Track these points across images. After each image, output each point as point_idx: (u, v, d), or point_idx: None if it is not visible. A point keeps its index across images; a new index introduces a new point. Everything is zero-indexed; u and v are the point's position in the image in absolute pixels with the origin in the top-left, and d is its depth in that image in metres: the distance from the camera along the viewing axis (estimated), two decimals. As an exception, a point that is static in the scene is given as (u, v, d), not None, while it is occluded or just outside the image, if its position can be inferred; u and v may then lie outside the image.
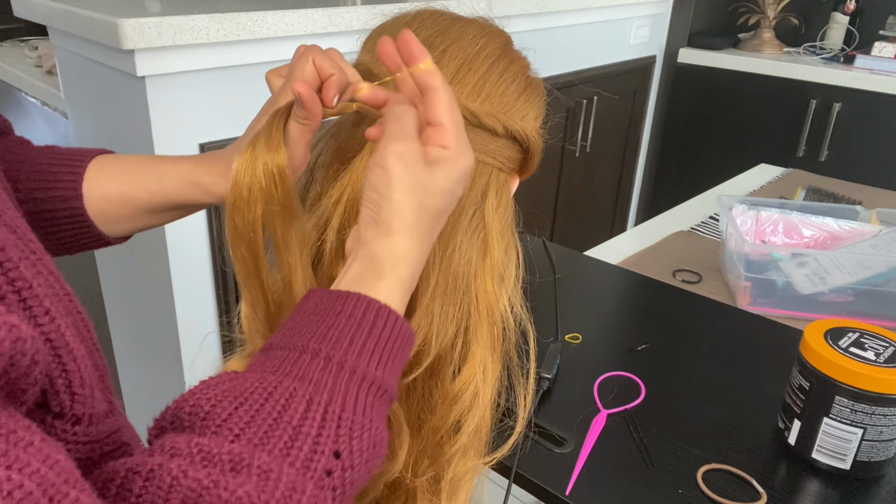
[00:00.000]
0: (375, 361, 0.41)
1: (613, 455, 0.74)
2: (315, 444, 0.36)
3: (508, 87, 0.53)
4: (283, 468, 0.34)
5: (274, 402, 0.36)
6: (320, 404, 0.37)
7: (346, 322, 0.41)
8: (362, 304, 0.42)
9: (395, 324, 0.42)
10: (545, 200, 2.31)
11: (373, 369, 0.40)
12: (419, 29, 0.53)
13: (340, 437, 0.37)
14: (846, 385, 0.69)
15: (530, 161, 0.56)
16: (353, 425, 0.38)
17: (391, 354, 0.42)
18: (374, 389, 0.40)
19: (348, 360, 0.40)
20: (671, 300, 1.09)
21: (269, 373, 0.39)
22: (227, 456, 0.33)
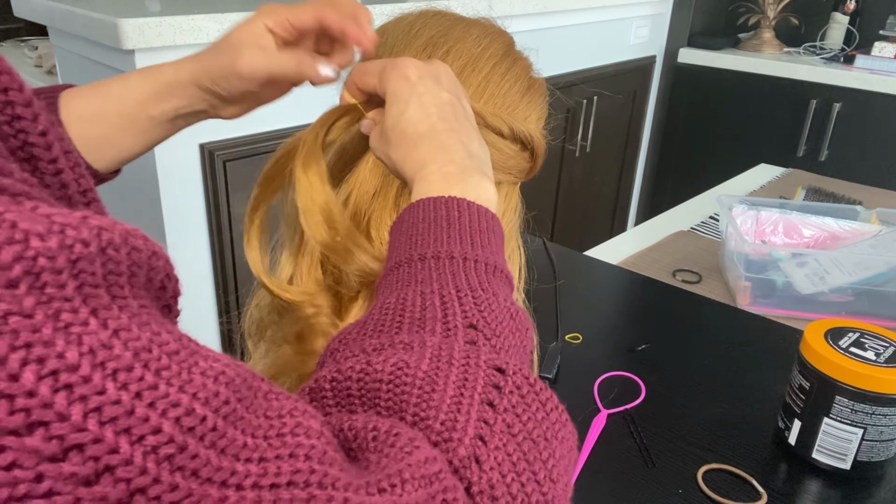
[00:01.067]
0: (468, 244, 0.41)
1: (613, 455, 0.74)
2: (444, 324, 0.36)
3: (511, 88, 0.53)
4: (425, 338, 0.34)
5: (392, 313, 0.37)
6: (433, 292, 0.38)
7: (422, 225, 0.42)
8: (429, 204, 0.43)
9: (467, 207, 0.43)
10: (545, 200, 2.31)
11: (468, 249, 0.41)
12: (422, 29, 0.53)
13: (468, 311, 0.37)
14: (846, 385, 0.69)
15: (534, 163, 0.56)
16: (475, 299, 0.38)
17: (479, 234, 0.42)
18: (480, 266, 0.40)
19: (442, 251, 0.40)
20: (671, 300, 1.09)
21: (380, 295, 0.40)
22: (370, 346, 0.34)
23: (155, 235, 1.31)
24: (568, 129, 2.27)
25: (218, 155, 1.31)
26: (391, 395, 0.31)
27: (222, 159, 1.32)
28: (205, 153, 1.31)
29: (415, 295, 0.38)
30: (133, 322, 0.24)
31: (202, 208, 1.34)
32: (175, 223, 1.31)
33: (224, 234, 1.37)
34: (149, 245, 0.27)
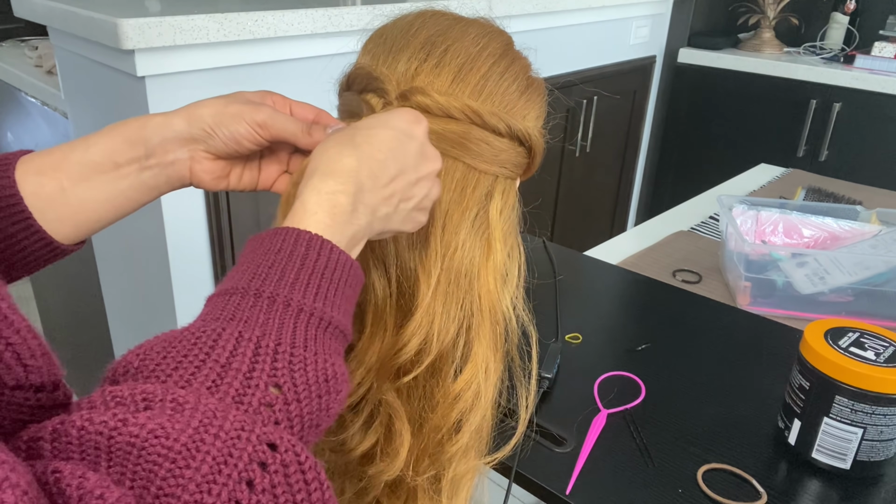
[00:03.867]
0: (312, 293, 0.39)
1: (613, 455, 0.74)
2: (247, 378, 0.34)
3: (510, 87, 0.53)
4: (203, 399, 0.32)
5: (202, 344, 0.35)
6: (251, 340, 0.36)
7: (275, 257, 0.39)
8: (291, 237, 0.40)
9: (329, 253, 0.40)
10: (545, 200, 2.31)
11: (310, 301, 0.38)
12: (420, 29, 0.53)
13: (278, 371, 0.35)
14: (846, 385, 0.69)
15: (532, 162, 0.56)
16: (293, 357, 0.36)
17: (330, 286, 0.40)
18: (314, 321, 0.38)
19: (280, 294, 0.38)
20: (671, 300, 1.09)
21: (200, 320, 0.38)
22: (140, 395, 0.32)
23: (155, 236, 1.31)
24: (568, 129, 2.27)
25: (218, 155, 1.31)
26: (140, 463, 0.29)
27: (222, 159, 1.32)
28: (205, 153, 1.31)
29: (231, 335, 0.36)
30: None
31: (202, 208, 1.34)
32: (175, 223, 1.31)
33: (224, 234, 1.37)
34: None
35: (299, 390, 0.36)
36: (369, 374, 0.54)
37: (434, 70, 0.51)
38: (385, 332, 0.53)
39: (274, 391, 0.35)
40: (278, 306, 0.38)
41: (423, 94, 0.50)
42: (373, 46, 0.55)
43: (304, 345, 0.37)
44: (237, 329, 0.36)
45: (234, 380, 0.34)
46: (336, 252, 0.41)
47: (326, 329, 0.39)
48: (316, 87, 1.46)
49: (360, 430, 0.56)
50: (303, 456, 0.33)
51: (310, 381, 0.36)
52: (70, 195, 0.50)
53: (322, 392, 0.37)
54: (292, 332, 0.37)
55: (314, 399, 0.36)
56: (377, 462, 0.55)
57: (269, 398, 0.34)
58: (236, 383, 0.34)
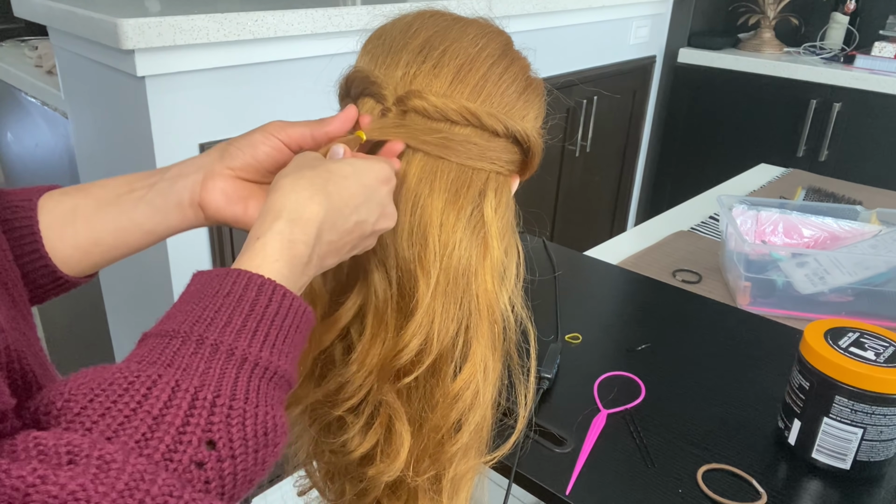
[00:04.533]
0: (259, 341, 0.37)
1: (613, 455, 0.74)
2: (180, 433, 0.32)
3: (509, 88, 0.53)
4: (131, 458, 0.30)
5: (134, 391, 0.33)
6: (188, 391, 0.34)
7: (223, 301, 0.37)
8: (242, 280, 0.38)
9: (282, 299, 0.39)
10: (545, 200, 2.31)
11: (256, 350, 0.37)
12: (420, 29, 0.53)
13: (214, 426, 0.34)
14: (846, 385, 0.69)
15: (531, 161, 0.56)
16: (230, 412, 0.34)
17: (279, 333, 0.38)
18: (258, 372, 0.37)
19: (224, 341, 0.36)
20: (671, 300, 1.09)
21: (135, 362, 0.35)
22: (65, 448, 0.30)
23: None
24: (568, 129, 2.27)
25: (218, 155, 1.31)
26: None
27: (222, 159, 1.32)
28: (205, 153, 1.31)
29: (167, 384, 0.34)
30: None
31: (202, 208, 1.34)
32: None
33: (224, 233, 1.37)
34: None
35: (235, 446, 0.34)
36: (370, 376, 0.54)
37: (432, 72, 0.51)
38: (386, 333, 0.53)
39: (207, 448, 0.33)
40: (221, 355, 0.36)
41: (419, 98, 0.50)
42: (372, 47, 0.55)
43: (245, 397, 0.35)
44: (174, 377, 0.34)
45: (166, 434, 0.32)
46: (289, 298, 0.39)
47: (271, 379, 0.37)
48: (316, 88, 1.46)
49: (361, 431, 0.56)
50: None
51: (247, 435, 0.35)
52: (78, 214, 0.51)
53: (259, 447, 0.35)
54: (233, 383, 0.35)
55: (250, 455, 0.35)
56: (377, 463, 0.55)
57: (201, 456, 0.33)
58: (168, 439, 0.32)
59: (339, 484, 0.61)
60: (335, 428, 0.58)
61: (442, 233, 0.52)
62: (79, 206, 0.51)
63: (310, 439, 0.61)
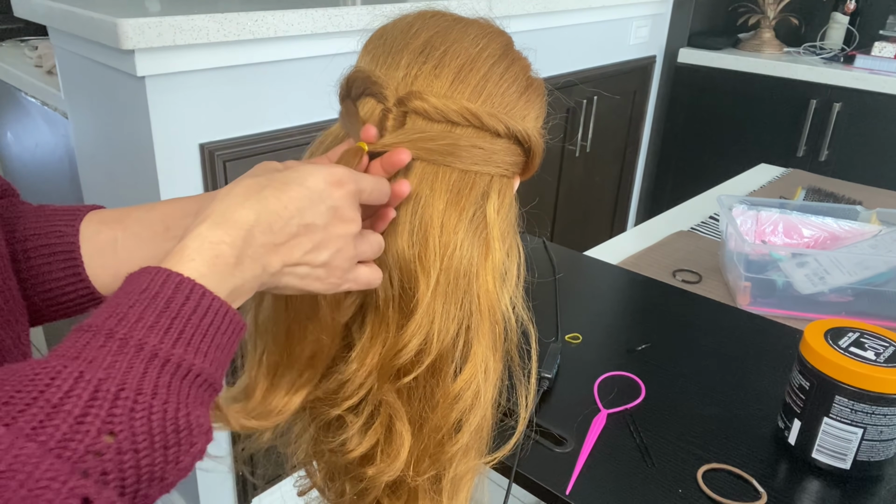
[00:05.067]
0: (173, 338, 0.36)
1: (613, 455, 0.74)
2: (78, 422, 0.32)
3: (509, 88, 0.53)
4: (18, 442, 0.30)
5: (38, 381, 0.33)
6: (90, 381, 0.33)
7: (138, 297, 0.37)
8: (160, 277, 0.38)
9: (200, 298, 0.38)
10: (545, 200, 2.31)
11: (168, 346, 0.36)
12: (420, 30, 0.53)
13: (116, 417, 0.33)
14: (846, 385, 0.69)
15: (532, 161, 0.56)
16: (135, 405, 0.34)
17: (196, 332, 0.38)
18: (170, 368, 0.36)
19: (134, 336, 0.36)
20: (671, 300, 1.09)
21: (49, 355, 0.35)
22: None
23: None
24: (568, 130, 2.27)
25: (218, 155, 1.31)
26: None
27: (222, 159, 1.32)
28: (205, 153, 1.31)
29: (70, 375, 0.33)
30: None
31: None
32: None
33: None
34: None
35: (138, 440, 0.33)
36: (370, 375, 0.54)
37: (433, 72, 0.51)
38: (387, 332, 0.53)
39: (108, 439, 0.32)
40: (130, 349, 0.35)
41: (420, 99, 0.50)
42: (373, 47, 0.55)
43: (153, 392, 0.35)
44: (78, 369, 0.34)
45: (63, 423, 0.32)
46: (209, 297, 0.39)
47: (185, 377, 0.37)
48: (316, 88, 1.46)
49: (360, 431, 0.56)
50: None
51: (153, 431, 0.34)
52: (119, 247, 0.54)
53: (169, 444, 0.35)
54: (140, 377, 0.35)
55: (158, 450, 0.34)
56: (377, 463, 0.55)
57: (100, 446, 0.32)
58: (64, 427, 0.32)
59: (339, 484, 0.61)
60: (335, 427, 0.58)
61: (443, 233, 0.52)
62: (118, 240, 0.54)
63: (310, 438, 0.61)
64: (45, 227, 0.54)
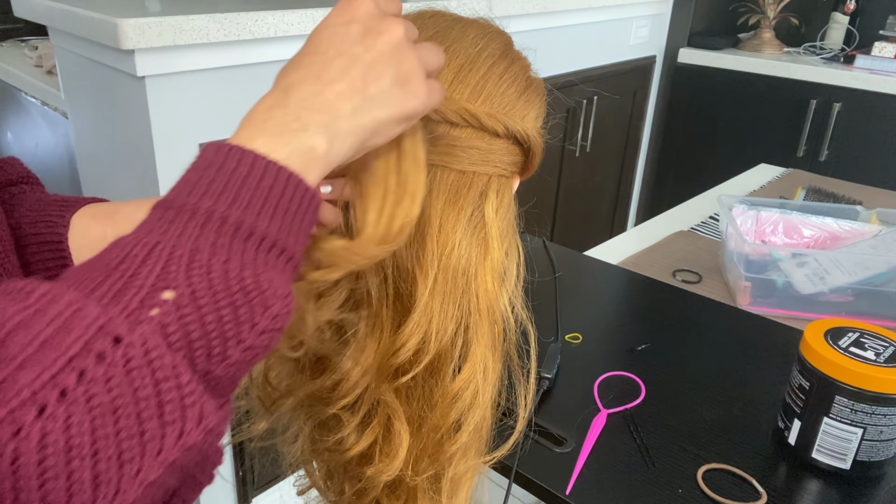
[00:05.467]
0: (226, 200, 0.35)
1: (613, 455, 0.74)
2: (131, 278, 0.32)
3: (509, 88, 0.53)
4: (68, 292, 0.30)
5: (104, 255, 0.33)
6: (146, 244, 0.33)
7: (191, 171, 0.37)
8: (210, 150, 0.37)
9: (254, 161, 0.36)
10: (545, 200, 2.31)
11: (222, 207, 0.35)
12: (420, 29, 0.53)
13: (171, 274, 0.32)
14: (846, 385, 0.69)
15: (531, 162, 0.56)
16: (191, 263, 0.33)
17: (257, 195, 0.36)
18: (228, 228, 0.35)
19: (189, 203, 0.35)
20: (671, 300, 1.09)
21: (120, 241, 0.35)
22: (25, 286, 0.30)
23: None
24: (568, 129, 2.27)
25: (218, 155, 1.31)
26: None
27: (222, 159, 1.32)
28: (205, 153, 1.31)
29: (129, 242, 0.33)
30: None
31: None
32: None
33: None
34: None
35: (199, 295, 0.32)
36: (366, 374, 0.54)
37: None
38: (382, 332, 0.53)
39: (167, 294, 0.32)
40: (185, 214, 0.35)
41: None
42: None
43: (212, 250, 0.34)
44: (137, 236, 0.34)
45: (118, 282, 0.32)
46: (262, 161, 0.36)
47: (248, 239, 0.35)
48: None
49: (357, 429, 0.56)
50: (154, 354, 0.30)
51: (216, 287, 0.33)
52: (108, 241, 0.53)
53: (237, 302, 0.33)
54: (196, 237, 0.34)
55: (224, 308, 0.33)
56: (376, 462, 0.55)
57: (155, 301, 0.31)
58: (118, 284, 0.31)
59: (338, 483, 0.61)
60: (331, 425, 0.58)
61: (441, 233, 0.52)
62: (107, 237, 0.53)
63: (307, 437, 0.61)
64: (39, 216, 0.54)
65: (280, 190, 0.37)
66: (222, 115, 1.32)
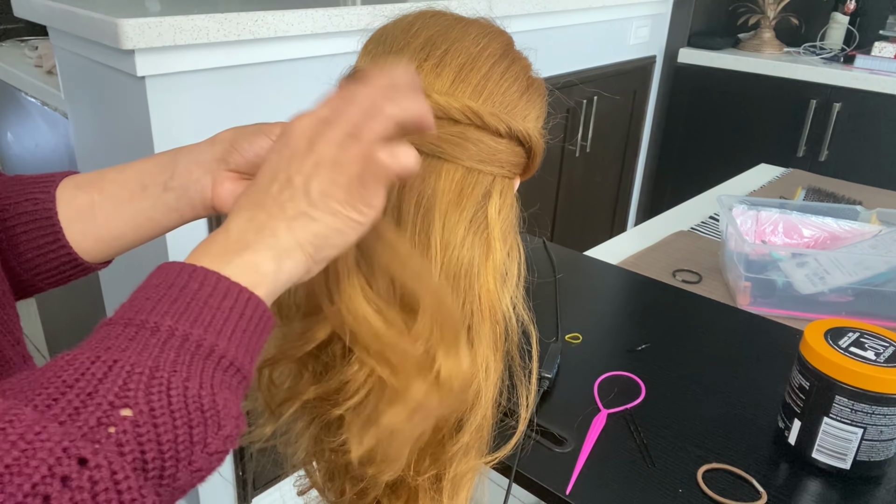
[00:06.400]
0: (189, 319, 0.36)
1: (613, 455, 0.74)
2: (89, 396, 0.32)
3: (510, 87, 0.53)
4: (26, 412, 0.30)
5: (59, 371, 0.33)
6: (105, 362, 0.33)
7: (154, 288, 0.37)
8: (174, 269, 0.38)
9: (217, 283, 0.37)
10: (545, 200, 2.31)
11: (185, 326, 0.35)
12: (421, 29, 0.53)
13: (130, 392, 0.32)
14: (846, 385, 0.69)
15: (532, 162, 0.56)
16: (152, 380, 0.33)
17: (218, 315, 0.36)
18: (189, 346, 0.35)
19: (150, 320, 0.35)
20: (671, 300, 1.09)
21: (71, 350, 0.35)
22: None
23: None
24: (568, 129, 2.27)
25: (218, 155, 1.31)
26: None
27: (222, 159, 1.32)
28: (205, 153, 1.31)
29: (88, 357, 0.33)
30: None
31: (202, 208, 1.34)
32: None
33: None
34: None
35: (156, 414, 0.33)
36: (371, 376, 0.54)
37: (434, 70, 0.51)
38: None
39: (125, 412, 0.32)
40: (146, 331, 0.35)
41: None
42: (373, 47, 0.55)
43: (172, 368, 0.34)
44: (95, 353, 0.34)
45: (76, 398, 0.31)
46: (225, 281, 0.37)
47: (207, 357, 0.36)
48: (316, 88, 1.46)
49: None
50: (120, 476, 0.30)
51: (173, 406, 0.33)
52: (97, 210, 0.53)
53: (194, 422, 0.34)
54: (157, 355, 0.34)
55: (181, 428, 0.33)
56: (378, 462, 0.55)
57: (113, 418, 0.31)
58: (76, 401, 0.31)
59: (339, 483, 0.61)
60: (336, 427, 0.58)
61: (444, 233, 0.52)
62: (95, 203, 0.54)
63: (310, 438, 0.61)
64: (21, 195, 0.54)
65: (240, 311, 0.37)
66: (222, 115, 1.32)
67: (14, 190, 0.54)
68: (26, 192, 0.54)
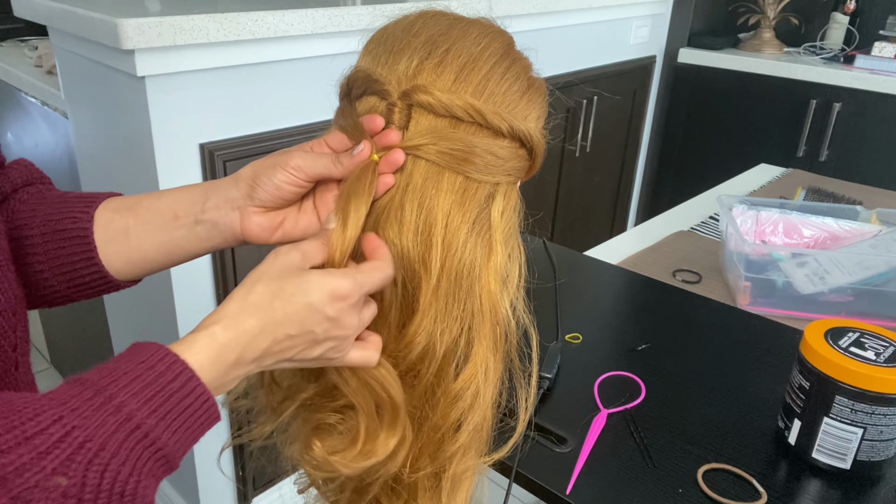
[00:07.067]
0: (150, 407, 0.40)
1: (613, 455, 0.74)
2: (40, 457, 0.35)
3: (511, 87, 0.53)
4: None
5: (22, 414, 0.36)
6: (65, 426, 0.36)
7: (136, 366, 0.41)
8: (160, 353, 0.42)
9: (187, 382, 0.41)
10: (545, 200, 2.32)
11: (144, 414, 0.39)
12: (422, 29, 0.53)
13: (74, 463, 0.36)
14: (846, 385, 0.69)
15: (534, 162, 0.56)
16: (94, 458, 0.37)
17: (175, 410, 0.41)
18: (138, 435, 0.39)
19: (118, 396, 0.39)
20: (671, 300, 1.09)
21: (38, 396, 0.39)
22: None
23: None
24: (568, 129, 2.27)
25: (218, 155, 1.31)
26: None
27: (222, 159, 1.32)
28: (205, 153, 1.31)
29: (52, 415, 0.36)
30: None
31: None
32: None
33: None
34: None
35: (85, 490, 0.36)
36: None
37: (436, 69, 0.51)
38: (388, 332, 0.53)
39: (61, 480, 0.35)
40: (111, 407, 0.38)
41: (425, 93, 0.50)
42: (374, 47, 0.55)
43: (115, 451, 0.37)
44: (60, 412, 0.37)
45: (27, 454, 0.35)
46: (194, 382, 0.42)
47: (148, 447, 0.39)
48: (316, 88, 1.46)
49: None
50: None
51: (102, 486, 0.36)
52: (131, 235, 0.57)
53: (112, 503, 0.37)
54: (109, 435, 0.38)
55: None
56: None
57: (50, 484, 0.35)
58: (26, 457, 0.35)
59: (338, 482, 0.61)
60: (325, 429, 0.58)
61: (446, 234, 0.52)
62: (130, 228, 0.57)
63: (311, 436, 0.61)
64: (62, 213, 0.57)
65: (194, 410, 0.42)
66: (222, 115, 1.32)
67: (57, 207, 0.58)
68: (68, 209, 0.57)
